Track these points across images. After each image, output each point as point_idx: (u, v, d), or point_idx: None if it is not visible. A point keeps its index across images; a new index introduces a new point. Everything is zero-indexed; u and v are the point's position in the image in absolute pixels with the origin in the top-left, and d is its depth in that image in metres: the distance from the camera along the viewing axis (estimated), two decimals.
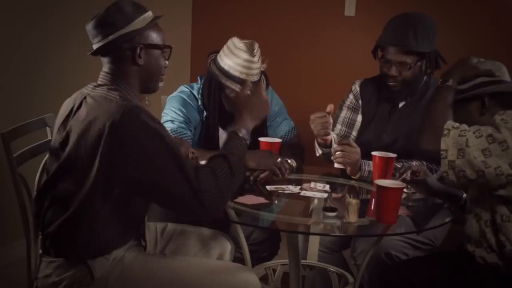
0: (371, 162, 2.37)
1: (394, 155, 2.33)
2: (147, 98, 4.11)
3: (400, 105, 2.65)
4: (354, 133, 2.74)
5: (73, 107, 1.84)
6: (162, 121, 2.58)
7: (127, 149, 1.68)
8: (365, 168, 2.44)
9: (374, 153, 2.34)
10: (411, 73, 2.53)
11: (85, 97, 1.82)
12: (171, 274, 1.86)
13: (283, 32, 4.05)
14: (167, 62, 1.93)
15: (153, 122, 1.72)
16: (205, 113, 2.58)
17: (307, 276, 2.46)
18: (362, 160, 2.44)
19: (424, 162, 2.44)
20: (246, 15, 4.14)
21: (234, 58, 2.44)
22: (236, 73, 2.43)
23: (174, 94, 2.64)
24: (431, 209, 2.20)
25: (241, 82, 2.40)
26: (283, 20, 4.04)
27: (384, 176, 2.28)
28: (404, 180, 2.14)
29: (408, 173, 2.18)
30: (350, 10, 3.88)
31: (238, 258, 2.35)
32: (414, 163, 2.44)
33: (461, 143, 1.83)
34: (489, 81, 1.97)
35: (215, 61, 2.51)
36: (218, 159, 1.79)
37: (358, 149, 2.42)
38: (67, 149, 1.78)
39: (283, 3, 4.05)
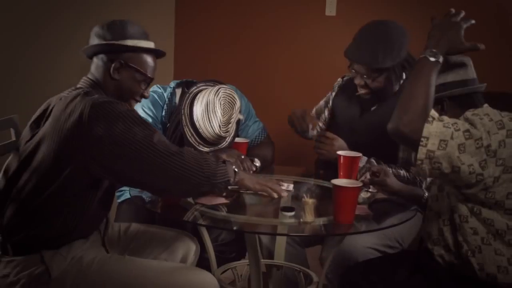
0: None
1: (359, 154, 2.33)
2: None
3: (372, 108, 2.66)
4: (321, 124, 2.83)
5: (48, 107, 1.89)
6: None
7: (97, 141, 1.73)
8: None
9: (339, 152, 2.35)
10: (376, 84, 2.55)
11: (60, 98, 1.88)
12: (127, 277, 1.87)
13: (264, 31, 4.05)
14: (146, 93, 2.02)
15: (123, 109, 1.78)
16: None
17: (274, 276, 2.46)
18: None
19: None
20: (227, 13, 4.15)
21: (207, 124, 2.36)
22: (206, 138, 2.39)
23: None
24: (394, 208, 2.19)
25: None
26: (263, 19, 4.04)
27: (349, 175, 2.29)
28: (363, 182, 2.13)
29: (367, 174, 2.18)
30: (331, 9, 3.88)
31: (205, 259, 2.36)
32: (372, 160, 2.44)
33: (446, 134, 1.73)
34: (449, 83, 1.93)
35: (191, 108, 2.42)
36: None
37: (336, 138, 2.51)
38: (32, 144, 1.84)
39: (265, 2, 4.05)
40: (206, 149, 2.39)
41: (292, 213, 1.97)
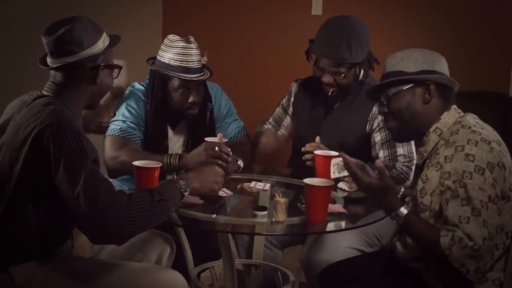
0: None
1: (336, 153, 2.33)
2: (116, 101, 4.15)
3: (336, 106, 2.63)
4: (283, 131, 2.79)
5: (13, 115, 1.85)
6: (114, 119, 2.59)
7: (47, 159, 1.69)
8: None
9: (316, 152, 2.35)
10: (346, 80, 2.51)
11: (27, 105, 1.84)
12: (95, 278, 1.85)
13: (250, 31, 4.07)
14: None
15: (77, 135, 1.72)
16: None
17: (252, 275, 2.46)
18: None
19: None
20: (214, 14, 4.17)
21: (172, 49, 2.47)
22: (177, 63, 2.46)
23: (129, 91, 2.65)
24: (369, 206, 2.18)
25: (184, 71, 2.44)
26: (250, 19, 4.06)
27: (325, 174, 2.28)
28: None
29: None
30: (317, 9, 3.89)
31: (183, 258, 2.36)
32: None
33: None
34: (437, 71, 1.90)
35: (154, 60, 2.54)
36: (143, 192, 1.79)
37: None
38: None
39: (251, 2, 4.06)
40: (189, 77, 2.44)
41: (265, 213, 1.98)
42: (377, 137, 2.51)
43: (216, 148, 2.31)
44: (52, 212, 1.78)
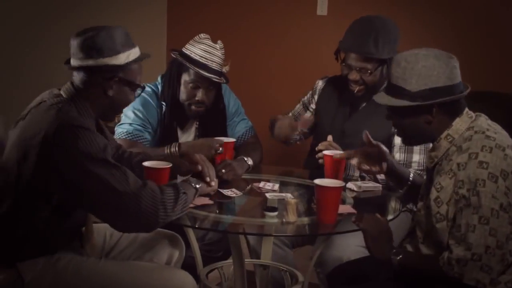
0: None
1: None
2: None
3: (361, 106, 2.65)
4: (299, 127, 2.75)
5: (30, 110, 1.88)
6: (121, 122, 2.59)
7: (57, 161, 1.71)
8: None
9: (325, 152, 2.35)
10: (372, 78, 2.53)
11: (40, 103, 1.87)
12: (104, 278, 1.87)
13: (256, 31, 4.06)
14: (133, 99, 2.00)
15: (84, 132, 1.74)
16: (164, 109, 2.59)
17: (261, 275, 2.46)
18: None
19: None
20: (219, 13, 4.16)
21: (198, 44, 2.54)
22: (197, 57, 2.50)
23: None
24: (379, 207, 2.19)
25: (202, 67, 2.47)
26: (255, 19, 4.06)
27: (335, 175, 2.29)
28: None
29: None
30: (322, 9, 3.89)
31: (192, 258, 2.36)
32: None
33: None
34: (440, 88, 1.83)
35: (177, 50, 2.59)
36: (168, 185, 1.87)
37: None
38: (5, 151, 1.82)
39: (256, 2, 4.06)
40: (204, 73, 2.48)
41: (275, 213, 1.98)
42: (397, 139, 2.51)
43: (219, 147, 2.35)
44: (61, 209, 1.81)
